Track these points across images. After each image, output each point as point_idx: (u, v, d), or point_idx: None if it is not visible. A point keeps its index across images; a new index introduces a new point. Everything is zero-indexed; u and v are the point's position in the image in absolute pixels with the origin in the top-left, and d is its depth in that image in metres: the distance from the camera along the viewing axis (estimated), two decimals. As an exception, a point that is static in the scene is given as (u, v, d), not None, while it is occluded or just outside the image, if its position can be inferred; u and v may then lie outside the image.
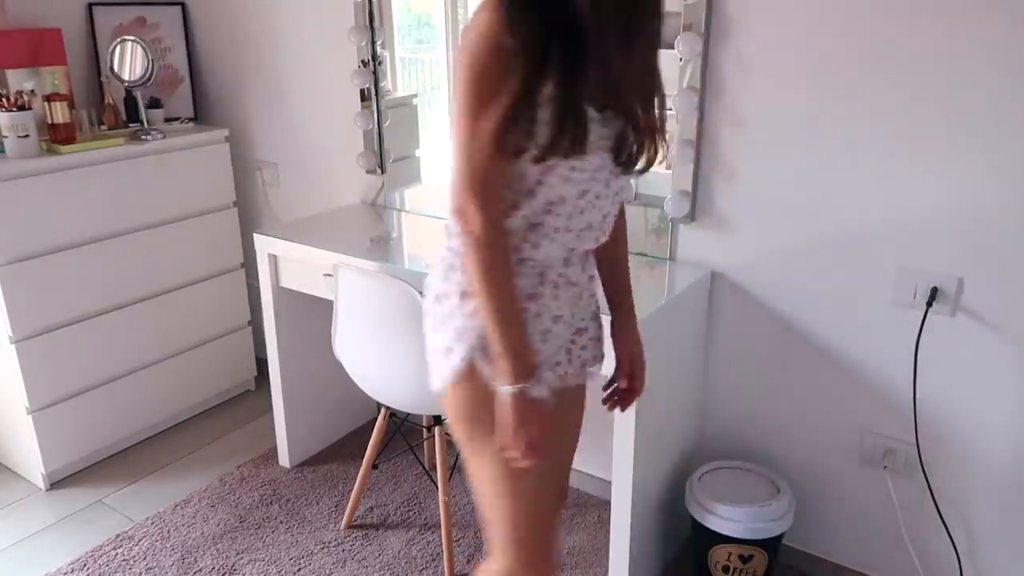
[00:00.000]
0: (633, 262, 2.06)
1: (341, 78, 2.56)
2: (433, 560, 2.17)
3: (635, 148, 1.24)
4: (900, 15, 1.63)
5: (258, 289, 2.44)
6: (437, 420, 2.08)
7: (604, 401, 1.49)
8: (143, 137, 2.58)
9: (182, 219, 2.71)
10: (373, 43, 2.44)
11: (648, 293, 1.85)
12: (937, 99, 1.64)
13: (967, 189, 1.65)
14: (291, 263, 2.33)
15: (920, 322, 1.77)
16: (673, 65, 1.91)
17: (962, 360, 1.76)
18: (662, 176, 2.05)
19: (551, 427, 1.24)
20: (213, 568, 2.15)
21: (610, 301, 1.47)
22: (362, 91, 2.50)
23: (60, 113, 2.39)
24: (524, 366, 1.19)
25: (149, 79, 2.63)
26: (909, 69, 1.65)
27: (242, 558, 2.19)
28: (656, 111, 1.24)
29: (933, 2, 1.59)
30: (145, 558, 2.19)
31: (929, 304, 1.74)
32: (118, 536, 2.27)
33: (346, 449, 2.71)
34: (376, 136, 2.56)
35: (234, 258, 2.91)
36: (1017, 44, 1.53)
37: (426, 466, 2.59)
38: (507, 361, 1.18)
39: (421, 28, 2.46)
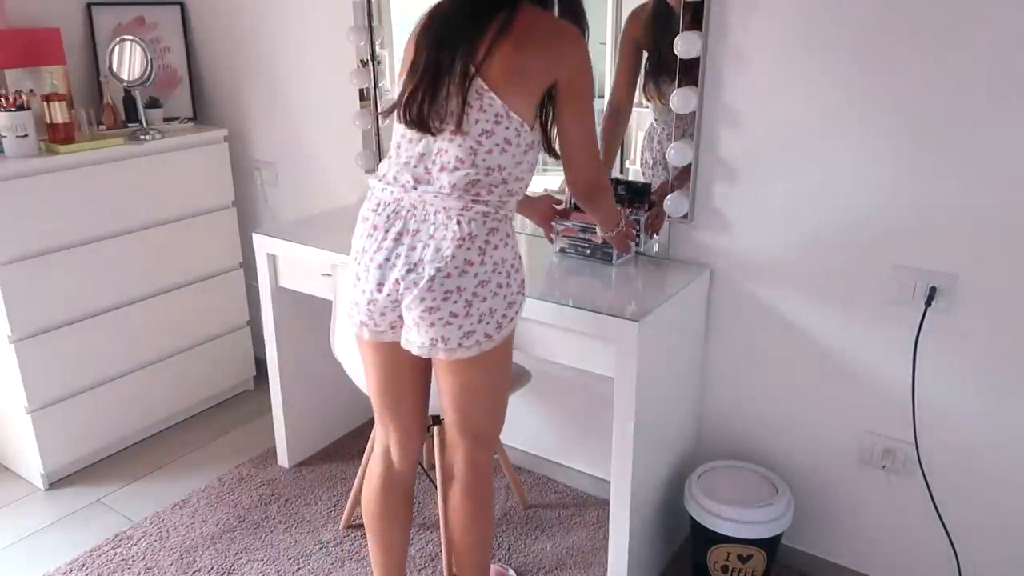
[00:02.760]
0: (632, 262, 2.06)
1: (340, 78, 2.56)
2: (432, 560, 2.17)
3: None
4: (899, 16, 1.63)
5: (257, 289, 2.44)
6: (436, 420, 2.07)
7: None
8: (142, 137, 2.58)
9: (181, 219, 2.71)
10: (372, 43, 2.44)
11: (647, 293, 1.86)
12: (936, 98, 1.64)
13: (966, 188, 1.65)
14: (290, 263, 2.33)
15: (919, 321, 1.77)
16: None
17: (961, 359, 1.76)
18: (661, 176, 2.05)
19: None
20: (212, 568, 2.15)
21: None
22: (361, 91, 2.50)
23: (59, 113, 2.39)
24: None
25: (148, 79, 2.63)
26: (908, 69, 1.65)
27: (241, 558, 2.19)
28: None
29: (932, 4, 1.59)
30: (144, 558, 2.19)
31: (928, 303, 1.74)
32: (117, 536, 2.27)
33: (345, 449, 2.71)
34: (375, 136, 2.56)
35: (233, 258, 2.91)
36: (1015, 45, 1.53)
37: (424, 466, 2.59)
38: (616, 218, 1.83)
39: (420, 28, 2.45)
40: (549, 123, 1.54)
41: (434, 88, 1.44)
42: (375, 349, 1.62)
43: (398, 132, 1.53)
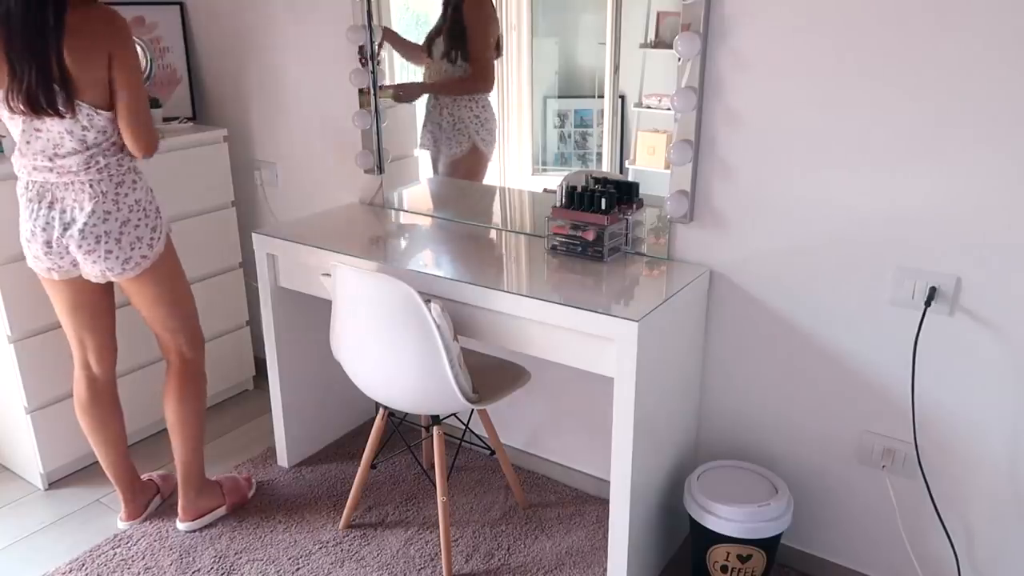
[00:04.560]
0: (632, 261, 2.06)
1: (340, 78, 2.56)
2: (431, 560, 2.17)
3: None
4: (899, 16, 1.63)
5: (257, 289, 2.43)
6: (435, 420, 2.08)
7: None
8: (141, 137, 2.58)
9: (181, 218, 2.70)
10: (372, 43, 2.44)
11: (646, 293, 1.86)
12: (936, 98, 1.64)
13: (966, 188, 1.65)
14: (289, 263, 2.33)
15: (919, 322, 1.77)
16: (672, 65, 1.91)
17: (960, 359, 1.76)
18: (661, 176, 2.05)
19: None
20: (211, 568, 2.15)
21: None
22: (360, 91, 2.50)
23: None
24: None
25: (148, 79, 2.63)
26: (908, 69, 1.65)
27: (240, 558, 2.18)
28: None
29: (932, 3, 1.59)
30: (143, 558, 2.19)
31: (928, 303, 1.74)
32: (116, 536, 2.27)
33: (344, 449, 2.70)
34: (374, 136, 2.56)
35: (232, 258, 2.91)
36: (1018, 44, 1.53)
37: (424, 466, 2.60)
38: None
39: (420, 27, 2.45)
40: None
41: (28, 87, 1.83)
42: (69, 285, 2.07)
43: (18, 124, 1.91)
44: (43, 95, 1.82)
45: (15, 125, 1.92)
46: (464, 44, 2.35)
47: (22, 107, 1.84)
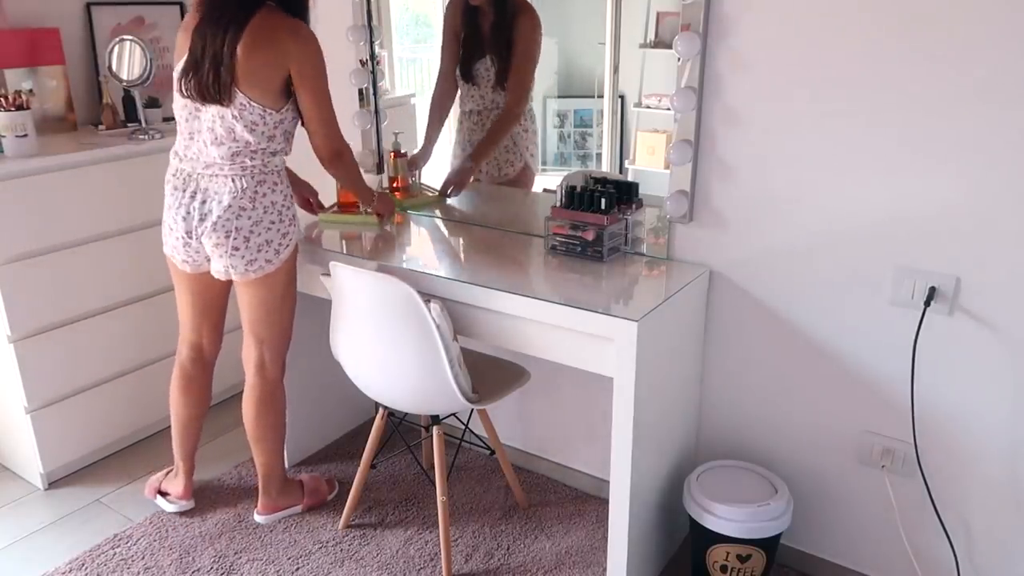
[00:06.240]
0: (632, 261, 2.06)
1: (340, 77, 2.56)
2: (431, 560, 2.17)
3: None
4: (899, 16, 1.63)
5: (256, 289, 2.43)
6: (435, 420, 2.08)
7: None
8: (141, 137, 2.58)
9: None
10: (371, 42, 2.44)
11: (646, 292, 1.86)
12: (935, 98, 1.64)
13: (965, 188, 1.65)
14: (289, 263, 2.32)
15: (918, 321, 1.77)
16: (672, 65, 1.91)
17: (960, 359, 1.76)
18: (660, 176, 2.05)
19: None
20: (211, 568, 2.15)
21: None
22: (360, 91, 2.50)
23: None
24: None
25: (147, 79, 2.63)
26: (908, 69, 1.65)
27: (240, 558, 2.19)
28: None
29: (932, 4, 1.59)
30: (143, 558, 2.19)
31: (927, 303, 1.74)
32: (116, 536, 2.27)
33: (344, 449, 2.71)
34: (375, 135, 2.56)
35: (233, 258, 2.91)
36: (1017, 44, 1.53)
37: (424, 466, 2.60)
38: (369, 193, 2.29)
39: (419, 27, 2.46)
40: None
41: (200, 76, 1.88)
42: (196, 278, 2.13)
43: (182, 108, 1.97)
44: (211, 81, 1.86)
45: (180, 108, 1.96)
46: (509, 65, 2.20)
47: (192, 90, 1.89)
